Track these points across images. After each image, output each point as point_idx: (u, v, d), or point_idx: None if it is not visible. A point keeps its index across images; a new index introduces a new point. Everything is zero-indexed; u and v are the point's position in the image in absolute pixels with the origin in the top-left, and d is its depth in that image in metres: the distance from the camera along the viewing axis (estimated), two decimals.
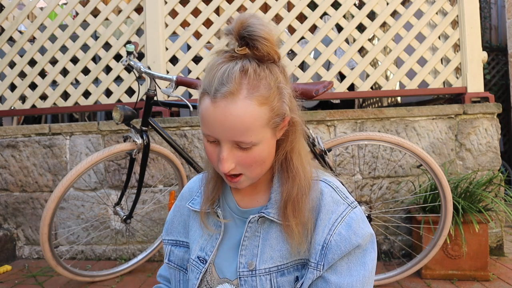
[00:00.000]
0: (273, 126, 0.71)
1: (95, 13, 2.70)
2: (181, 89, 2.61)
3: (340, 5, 2.60)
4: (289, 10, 2.64)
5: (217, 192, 0.83)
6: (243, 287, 0.75)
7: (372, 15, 2.65)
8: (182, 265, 0.86)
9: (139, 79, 2.05)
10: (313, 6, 2.62)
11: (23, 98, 2.98)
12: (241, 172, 0.73)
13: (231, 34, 0.70)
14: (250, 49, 0.69)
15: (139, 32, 2.72)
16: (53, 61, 2.73)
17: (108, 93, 2.76)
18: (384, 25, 2.70)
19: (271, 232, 0.77)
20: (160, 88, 1.85)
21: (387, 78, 3.43)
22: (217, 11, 2.67)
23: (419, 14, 2.58)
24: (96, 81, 2.76)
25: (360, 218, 0.75)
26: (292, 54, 3.22)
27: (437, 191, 1.92)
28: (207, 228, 0.82)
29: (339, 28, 2.70)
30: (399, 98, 3.79)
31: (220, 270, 0.79)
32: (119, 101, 2.70)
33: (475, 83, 2.50)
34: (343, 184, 0.85)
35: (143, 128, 1.96)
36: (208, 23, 2.64)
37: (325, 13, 2.63)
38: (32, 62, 2.75)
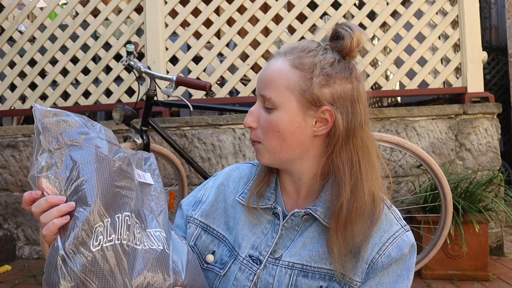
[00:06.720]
0: (302, 101, 0.70)
1: (95, 13, 2.70)
2: (181, 89, 2.61)
3: (340, 5, 2.60)
4: (289, 10, 2.64)
5: (263, 186, 0.79)
6: (262, 272, 0.74)
7: (372, 15, 2.65)
8: (203, 254, 0.81)
9: (139, 79, 2.05)
10: (313, 6, 2.62)
11: (23, 98, 2.98)
12: (259, 140, 0.74)
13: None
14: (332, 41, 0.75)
15: (139, 32, 2.72)
16: (53, 61, 2.73)
17: (108, 93, 2.76)
18: (384, 25, 2.70)
19: (309, 230, 0.75)
20: (160, 88, 1.85)
21: (387, 78, 3.43)
22: (217, 11, 2.67)
23: (419, 14, 2.57)
24: (96, 81, 2.76)
25: (413, 244, 0.72)
26: None
27: (437, 191, 1.92)
28: (257, 225, 0.78)
29: None
30: (399, 98, 3.79)
31: None
32: (119, 101, 2.70)
33: (475, 83, 2.50)
34: None
35: (143, 128, 1.95)
36: (208, 23, 2.64)
37: (325, 13, 2.63)
38: (32, 62, 2.75)
